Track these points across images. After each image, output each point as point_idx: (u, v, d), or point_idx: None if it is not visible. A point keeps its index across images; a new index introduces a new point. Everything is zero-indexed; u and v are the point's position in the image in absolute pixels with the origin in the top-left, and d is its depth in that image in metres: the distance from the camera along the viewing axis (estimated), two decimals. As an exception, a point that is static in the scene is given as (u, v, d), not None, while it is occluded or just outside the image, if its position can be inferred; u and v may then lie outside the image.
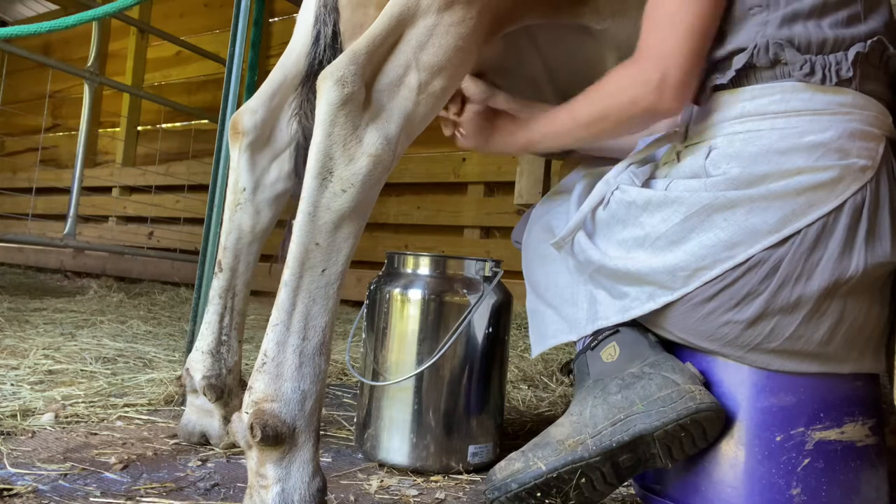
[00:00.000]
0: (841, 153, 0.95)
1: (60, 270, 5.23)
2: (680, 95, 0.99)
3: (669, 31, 0.99)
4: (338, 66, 0.96)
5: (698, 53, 1.00)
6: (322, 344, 0.95)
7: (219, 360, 1.34)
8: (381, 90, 1.00)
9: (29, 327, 2.45)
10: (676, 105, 1.00)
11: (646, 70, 0.99)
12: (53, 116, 6.25)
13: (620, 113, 1.03)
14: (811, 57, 0.96)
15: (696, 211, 0.98)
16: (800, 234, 0.94)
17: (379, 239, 4.18)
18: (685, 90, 1.00)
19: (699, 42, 0.99)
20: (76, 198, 3.38)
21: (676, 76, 0.98)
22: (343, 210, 0.95)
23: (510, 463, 1.03)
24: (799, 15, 0.97)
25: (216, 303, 1.36)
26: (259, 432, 0.89)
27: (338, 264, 0.96)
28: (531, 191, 2.51)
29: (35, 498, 1.00)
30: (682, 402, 0.96)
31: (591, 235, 1.10)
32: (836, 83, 0.96)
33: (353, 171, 0.95)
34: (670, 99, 0.99)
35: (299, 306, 0.94)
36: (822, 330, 0.96)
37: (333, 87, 0.95)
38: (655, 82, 0.98)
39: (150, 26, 4.77)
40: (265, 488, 0.90)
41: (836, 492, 0.96)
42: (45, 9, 6.39)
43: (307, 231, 0.94)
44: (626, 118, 1.03)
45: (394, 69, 1.01)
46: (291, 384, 0.92)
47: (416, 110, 1.02)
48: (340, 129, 0.95)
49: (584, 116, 1.07)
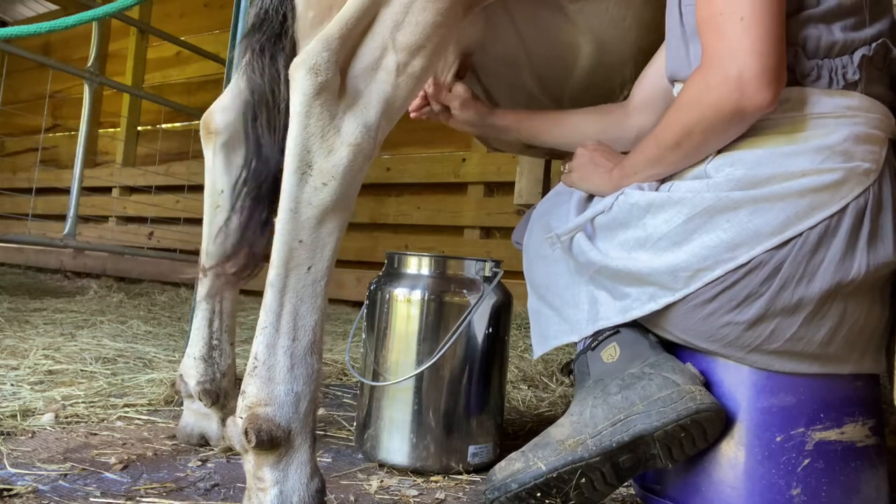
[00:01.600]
0: (845, 156, 0.95)
1: (60, 270, 5.23)
2: (766, 86, 0.91)
3: (726, 21, 0.92)
4: (310, 54, 0.92)
5: (772, 37, 0.91)
6: (313, 343, 0.93)
7: (212, 365, 1.33)
8: (357, 75, 0.96)
9: (29, 327, 2.45)
10: (765, 97, 0.91)
11: (716, 71, 0.93)
12: (53, 116, 6.25)
13: (705, 123, 0.96)
14: (818, 61, 0.96)
15: (699, 212, 0.98)
16: (802, 237, 0.94)
17: (379, 239, 4.18)
18: (771, 78, 0.91)
19: (769, 26, 0.91)
20: (76, 198, 3.37)
21: (756, 66, 0.90)
22: (325, 204, 0.92)
23: (510, 463, 1.03)
24: (812, 18, 0.97)
25: (203, 308, 1.34)
26: (254, 437, 0.87)
27: (324, 260, 0.93)
28: (531, 191, 2.51)
29: (35, 498, 1.00)
30: (683, 402, 0.96)
31: (592, 238, 1.10)
32: (843, 86, 0.96)
33: (334, 163, 0.92)
34: (755, 92, 0.91)
35: (287, 306, 0.92)
36: (823, 331, 0.96)
37: (307, 76, 0.91)
38: (734, 80, 0.91)
39: (150, 26, 4.77)
40: (263, 491, 0.90)
41: (837, 492, 0.96)
42: (45, 9, 6.39)
43: (290, 228, 0.91)
44: (713, 127, 0.96)
45: (369, 52, 0.97)
46: (284, 387, 0.91)
47: (396, 93, 0.98)
48: (317, 120, 0.92)
49: (669, 139, 1.01)
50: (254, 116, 1.09)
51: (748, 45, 0.90)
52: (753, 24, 0.91)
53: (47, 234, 4.27)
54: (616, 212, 1.07)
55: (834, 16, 0.97)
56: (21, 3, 6.54)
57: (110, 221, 5.35)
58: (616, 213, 1.07)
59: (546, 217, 1.25)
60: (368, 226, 4.26)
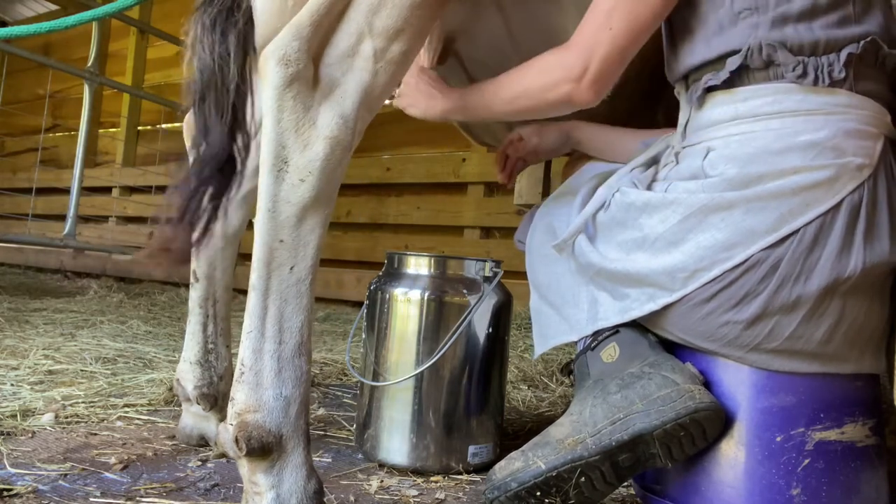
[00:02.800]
0: (836, 152, 0.95)
1: (60, 270, 5.23)
2: (595, 89, 1.03)
3: (605, 24, 1.02)
4: (279, 44, 0.88)
5: (625, 52, 1.03)
6: (300, 344, 0.91)
7: (208, 369, 1.33)
8: (331, 64, 0.91)
9: (29, 327, 2.45)
10: (590, 98, 1.03)
11: (572, 57, 1.03)
12: (53, 116, 6.25)
13: (539, 94, 1.06)
14: (804, 59, 0.97)
15: (693, 212, 0.98)
16: (798, 234, 0.94)
17: (379, 239, 4.18)
18: (602, 85, 1.03)
19: (629, 43, 1.03)
20: (76, 198, 3.38)
21: (597, 69, 1.02)
22: (304, 201, 0.89)
23: (510, 462, 1.03)
24: (789, 18, 0.98)
25: (197, 313, 1.33)
26: (244, 445, 0.86)
27: (306, 259, 0.90)
28: (531, 191, 2.50)
29: (35, 498, 1.00)
30: (682, 401, 0.96)
31: (592, 239, 1.10)
32: (829, 84, 0.96)
33: (310, 158, 0.89)
34: (585, 90, 1.03)
35: (271, 309, 0.89)
36: (822, 329, 0.96)
37: (276, 67, 0.87)
38: (578, 71, 1.02)
39: (150, 26, 4.77)
40: (259, 495, 0.89)
41: (837, 492, 0.96)
42: (45, 9, 6.39)
43: (269, 229, 0.88)
44: (542, 101, 1.07)
45: (344, 39, 0.92)
46: (272, 391, 0.89)
47: (375, 81, 0.93)
48: (290, 114, 0.88)
49: (507, 92, 1.11)
50: (201, 97, 1.02)
51: (604, 52, 1.02)
52: (616, 39, 1.02)
53: (47, 234, 4.27)
54: (614, 210, 1.07)
55: (811, 13, 0.97)
56: (21, 3, 6.55)
57: (110, 221, 5.35)
58: (614, 213, 1.07)
59: (548, 217, 1.25)
60: (368, 226, 4.26)
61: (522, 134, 1.45)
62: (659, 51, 1.14)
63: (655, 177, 1.10)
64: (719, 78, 1.01)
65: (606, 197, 1.09)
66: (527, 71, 1.09)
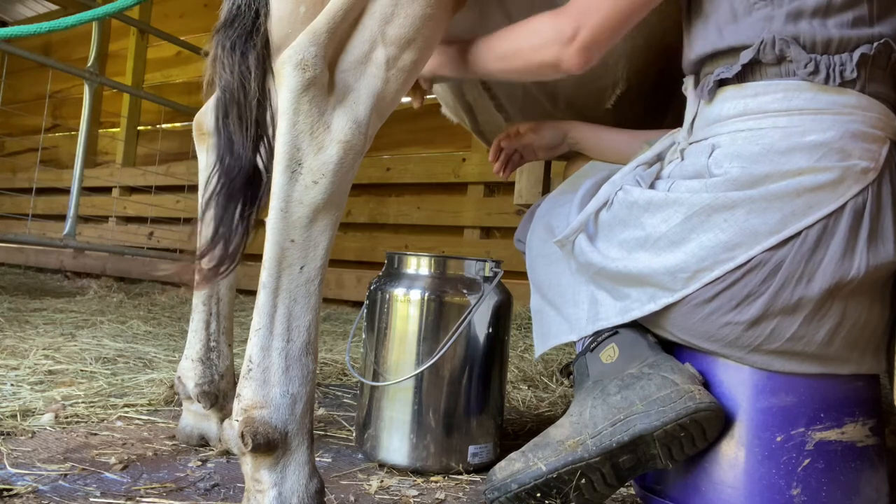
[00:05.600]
0: (842, 154, 0.94)
1: (60, 270, 5.23)
2: (583, 56, 1.02)
3: None
4: (296, 49, 0.90)
5: (618, 24, 1.02)
6: (308, 343, 0.93)
7: (210, 367, 1.33)
8: (345, 70, 0.94)
9: (29, 327, 2.45)
10: (577, 64, 1.03)
11: (564, 21, 1.03)
12: (53, 116, 6.25)
13: (528, 54, 1.07)
14: (816, 56, 0.96)
15: (696, 211, 0.98)
16: (800, 236, 0.94)
17: (379, 239, 4.18)
18: (590, 53, 1.03)
19: (624, 13, 1.02)
20: (76, 198, 3.38)
21: (587, 36, 1.01)
22: (316, 203, 0.91)
23: (510, 463, 1.03)
24: (803, 12, 0.97)
25: (200, 310, 1.34)
26: (250, 441, 0.87)
27: (316, 259, 0.92)
28: (531, 191, 2.50)
29: (35, 498, 1.00)
30: (682, 401, 0.96)
31: (593, 238, 1.10)
32: (840, 84, 0.96)
33: (324, 161, 0.91)
34: (573, 56, 1.02)
35: (280, 307, 0.91)
36: (823, 331, 0.96)
37: (293, 72, 0.90)
38: (567, 35, 1.02)
39: (150, 26, 4.77)
40: (261, 493, 0.89)
41: (837, 492, 0.96)
42: (45, 9, 6.39)
43: (281, 228, 0.90)
44: (531, 62, 1.07)
45: (358, 46, 0.95)
46: (279, 389, 0.90)
47: (386, 88, 0.96)
48: (306, 117, 0.90)
49: (500, 48, 1.11)
50: (225, 114, 1.06)
51: (598, 19, 1.01)
52: (612, 8, 1.01)
53: (47, 234, 4.28)
54: (617, 209, 1.07)
55: (826, 10, 0.97)
56: (21, 3, 6.55)
57: (110, 221, 5.35)
58: (617, 211, 1.07)
59: (547, 217, 1.25)
60: (368, 226, 4.26)
61: (520, 128, 1.44)
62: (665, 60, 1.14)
63: (659, 174, 1.09)
64: (732, 71, 1.00)
65: (609, 195, 1.09)
66: (520, 30, 1.09)
